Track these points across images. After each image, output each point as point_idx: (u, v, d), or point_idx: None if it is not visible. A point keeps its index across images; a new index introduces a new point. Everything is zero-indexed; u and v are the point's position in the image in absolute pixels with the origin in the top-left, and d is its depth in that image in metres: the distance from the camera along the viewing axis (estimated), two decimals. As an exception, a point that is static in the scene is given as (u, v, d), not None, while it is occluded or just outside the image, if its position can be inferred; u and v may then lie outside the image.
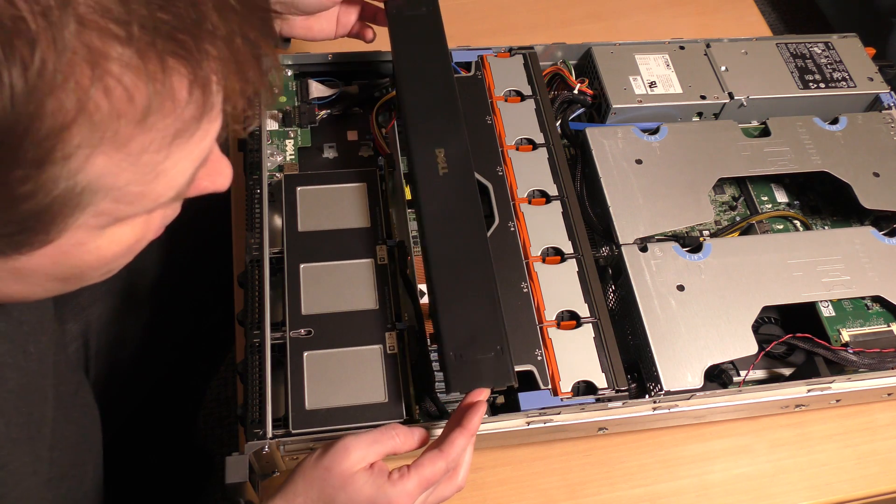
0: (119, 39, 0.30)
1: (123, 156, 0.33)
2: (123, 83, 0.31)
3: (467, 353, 0.57)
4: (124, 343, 0.80)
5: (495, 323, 0.59)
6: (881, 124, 0.81)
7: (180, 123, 0.34)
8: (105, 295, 0.79)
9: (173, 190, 0.37)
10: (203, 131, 0.36)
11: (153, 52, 0.31)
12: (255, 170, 0.70)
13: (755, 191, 0.82)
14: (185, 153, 0.36)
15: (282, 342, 0.62)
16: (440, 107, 0.69)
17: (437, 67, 0.71)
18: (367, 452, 0.52)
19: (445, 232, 0.62)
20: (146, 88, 0.31)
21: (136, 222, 0.39)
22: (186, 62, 0.32)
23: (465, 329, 0.58)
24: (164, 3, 0.31)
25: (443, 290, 0.60)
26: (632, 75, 0.82)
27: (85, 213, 0.34)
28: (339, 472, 0.51)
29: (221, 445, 1.28)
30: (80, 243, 0.37)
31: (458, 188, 0.64)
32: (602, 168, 0.74)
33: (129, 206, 0.36)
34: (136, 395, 0.86)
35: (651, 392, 0.64)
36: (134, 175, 0.34)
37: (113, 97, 0.31)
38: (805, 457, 0.71)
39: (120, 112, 0.31)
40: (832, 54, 0.87)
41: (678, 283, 0.67)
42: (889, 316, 0.72)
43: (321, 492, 0.51)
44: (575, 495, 0.67)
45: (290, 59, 0.81)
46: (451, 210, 0.63)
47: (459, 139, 0.67)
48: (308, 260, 0.66)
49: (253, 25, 0.35)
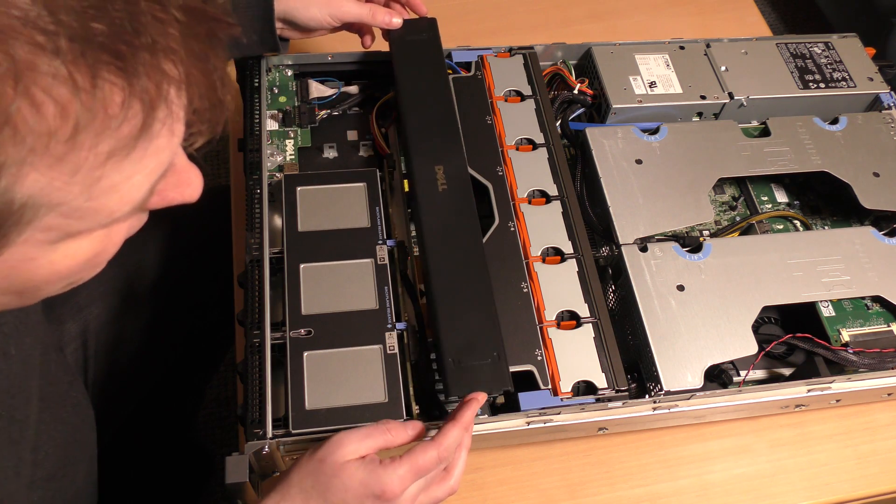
0: (46, 51, 0.29)
1: (59, 171, 0.31)
2: (52, 96, 0.29)
3: (465, 360, 0.59)
4: (123, 343, 0.80)
5: (492, 331, 0.61)
6: (881, 124, 0.81)
7: (118, 137, 0.32)
8: (104, 295, 0.79)
9: (128, 205, 0.36)
10: (155, 145, 0.34)
11: (83, 63, 0.30)
12: (255, 170, 0.70)
13: (755, 191, 0.82)
14: (136, 167, 0.34)
15: (282, 342, 0.62)
16: (440, 126, 0.72)
17: (437, 89, 0.74)
18: (360, 446, 0.53)
19: (444, 244, 0.65)
20: (76, 101, 0.30)
21: (94, 236, 0.37)
22: (123, 73, 0.31)
23: (463, 337, 0.60)
24: (98, 14, 0.30)
25: (442, 299, 0.62)
26: (632, 75, 0.82)
27: (29, 228, 0.33)
28: (332, 461, 0.52)
29: (221, 445, 1.28)
30: (30, 258, 0.35)
31: (457, 204, 0.67)
32: (602, 168, 0.74)
33: (81, 221, 0.34)
34: (136, 395, 0.86)
35: (651, 392, 0.64)
36: (79, 190, 0.33)
37: (40, 111, 0.29)
38: (805, 457, 0.71)
39: (49, 126, 0.30)
40: (832, 54, 0.87)
41: (678, 283, 0.67)
42: (889, 316, 0.72)
43: (315, 481, 0.52)
44: (575, 495, 0.67)
45: (290, 59, 0.81)
46: (449, 224, 0.66)
47: (458, 157, 0.70)
48: (308, 260, 0.66)
49: (198, 37, 0.34)
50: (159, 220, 0.86)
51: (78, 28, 0.29)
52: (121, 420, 0.85)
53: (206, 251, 0.86)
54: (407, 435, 0.56)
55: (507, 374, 0.59)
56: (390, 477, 0.51)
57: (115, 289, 0.80)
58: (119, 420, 0.84)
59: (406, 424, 0.56)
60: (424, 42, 0.78)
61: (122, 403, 0.84)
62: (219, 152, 1.64)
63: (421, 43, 0.78)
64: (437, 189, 0.67)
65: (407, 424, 0.56)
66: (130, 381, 0.83)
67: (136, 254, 0.83)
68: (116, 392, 0.81)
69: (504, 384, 0.58)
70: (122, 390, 0.82)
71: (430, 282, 0.63)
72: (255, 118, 0.73)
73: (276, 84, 0.80)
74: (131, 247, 0.88)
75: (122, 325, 0.80)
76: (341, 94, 0.81)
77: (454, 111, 0.74)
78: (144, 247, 0.84)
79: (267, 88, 0.79)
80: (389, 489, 0.51)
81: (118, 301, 0.80)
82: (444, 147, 0.70)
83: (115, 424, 0.84)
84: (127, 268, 0.82)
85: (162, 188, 0.38)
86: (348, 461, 0.52)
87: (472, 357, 0.59)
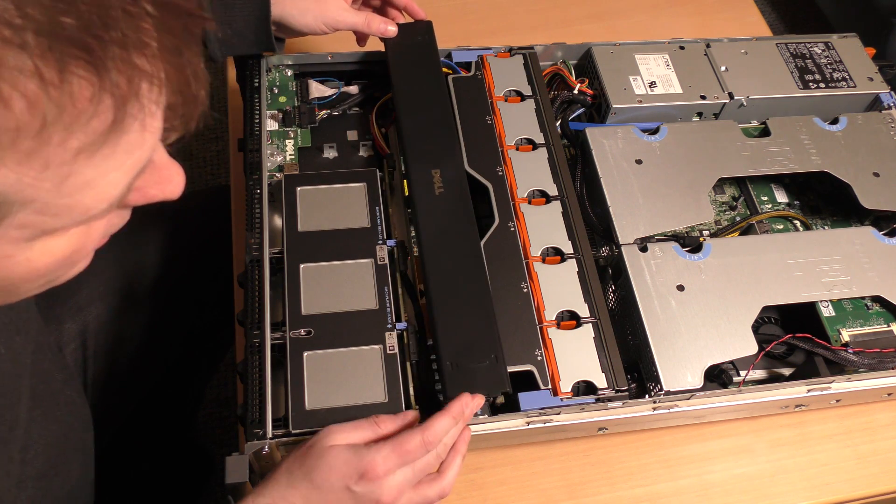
0: (13, 45, 0.28)
1: (29, 167, 0.31)
2: (20, 91, 0.29)
3: (463, 362, 0.59)
4: (123, 343, 0.80)
5: (490, 333, 0.61)
6: (881, 124, 0.81)
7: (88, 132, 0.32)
8: (104, 295, 0.79)
9: (105, 202, 0.35)
10: (126, 140, 0.34)
11: (51, 57, 0.29)
12: (255, 170, 0.70)
13: (755, 191, 0.82)
14: (110, 163, 0.34)
15: (282, 342, 0.62)
16: (437, 130, 0.72)
17: (434, 93, 0.75)
18: (348, 435, 0.54)
19: (442, 247, 0.65)
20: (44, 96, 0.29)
21: (72, 234, 0.37)
22: (92, 67, 0.30)
23: (461, 339, 0.60)
24: (66, 8, 0.29)
25: (440, 302, 0.62)
26: (632, 75, 0.82)
27: (2, 225, 0.33)
28: (319, 446, 0.53)
29: (221, 445, 1.28)
30: (7, 255, 0.35)
31: (454, 207, 0.68)
32: (602, 168, 0.74)
33: (56, 218, 0.34)
34: (136, 395, 0.86)
35: (651, 392, 0.64)
36: (50, 186, 0.32)
37: (8, 106, 0.29)
38: (805, 457, 0.71)
39: (17, 121, 0.29)
40: (832, 54, 0.87)
41: (678, 283, 0.67)
42: (889, 316, 0.72)
43: (301, 463, 0.53)
44: (575, 495, 0.67)
45: (290, 59, 0.81)
46: (447, 227, 0.66)
47: (455, 161, 0.70)
48: (308, 260, 0.66)
49: (172, 31, 0.33)
50: (159, 220, 0.86)
51: (45, 22, 0.29)
52: (121, 420, 0.85)
53: (206, 251, 0.86)
54: (396, 425, 0.56)
55: (504, 376, 0.59)
56: (373, 455, 0.52)
57: (115, 289, 0.80)
58: (119, 420, 0.84)
59: (396, 416, 0.57)
60: (420, 45, 0.78)
61: (122, 403, 0.84)
62: (219, 152, 1.65)
63: (417, 46, 0.78)
64: (434, 192, 0.68)
65: (397, 416, 0.57)
66: (130, 382, 0.83)
67: (135, 254, 0.83)
68: (116, 392, 0.81)
69: (502, 386, 0.59)
70: (122, 390, 0.82)
71: (429, 285, 0.63)
72: (255, 118, 0.74)
73: (276, 84, 0.80)
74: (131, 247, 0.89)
75: (121, 325, 0.80)
76: (341, 94, 0.81)
77: (451, 114, 0.74)
78: (144, 247, 0.84)
79: (267, 88, 0.79)
80: (372, 468, 0.51)
81: (118, 301, 0.80)
82: (440, 151, 0.71)
83: (115, 424, 0.84)
84: (127, 268, 0.82)
85: (142, 185, 0.38)
86: (334, 445, 0.53)
87: (469, 359, 0.60)
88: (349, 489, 0.51)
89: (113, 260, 0.81)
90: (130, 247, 0.83)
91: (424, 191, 0.68)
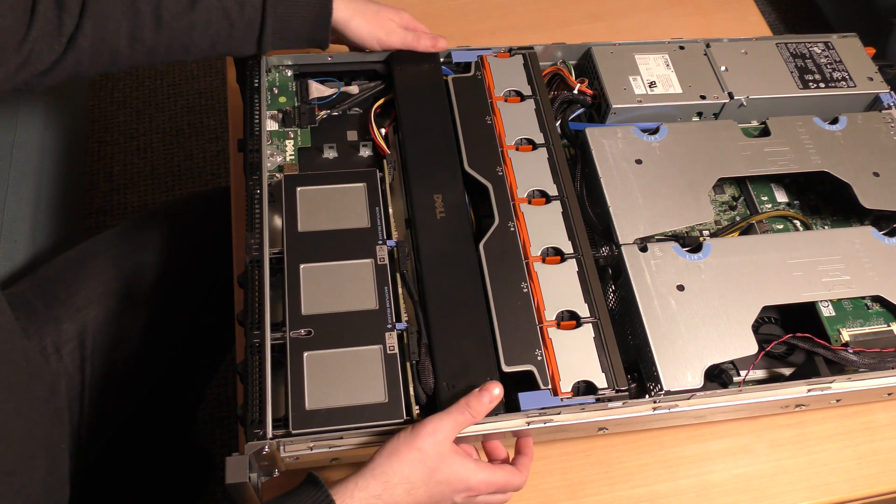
0: None
1: None
2: None
3: (459, 384, 0.61)
4: (122, 344, 0.80)
5: (486, 355, 0.63)
6: (881, 124, 0.81)
7: None
8: (102, 296, 0.79)
9: None
10: None
11: None
12: (255, 170, 0.70)
13: (755, 191, 0.82)
14: None
15: (282, 342, 0.62)
16: (440, 156, 0.73)
17: (438, 119, 0.76)
18: (452, 432, 0.58)
19: (442, 270, 0.67)
20: None
21: None
22: None
23: (458, 360, 0.62)
24: None
25: (438, 324, 0.64)
26: (632, 75, 0.82)
27: None
28: (435, 453, 0.56)
29: (221, 445, 1.28)
30: None
31: (455, 231, 0.69)
32: (602, 168, 0.74)
33: None
34: (135, 396, 0.86)
35: (651, 392, 0.64)
36: None
37: None
38: (805, 457, 0.71)
39: None
40: (832, 54, 0.87)
41: (678, 283, 0.67)
42: (889, 316, 0.72)
43: (419, 471, 0.56)
44: (575, 495, 0.67)
45: (290, 60, 0.81)
46: (447, 250, 0.68)
47: (456, 186, 0.72)
48: (308, 260, 0.66)
49: None
50: (159, 220, 0.86)
51: None
52: (120, 420, 0.84)
53: (206, 251, 0.86)
54: (486, 407, 0.59)
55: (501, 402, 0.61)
56: (479, 478, 0.58)
57: (114, 289, 0.80)
58: (118, 420, 0.84)
59: (480, 399, 0.59)
60: (426, 71, 0.80)
61: (121, 404, 0.84)
62: (219, 152, 1.65)
63: (423, 72, 0.79)
64: (435, 216, 0.69)
65: (481, 395, 0.59)
66: (129, 382, 0.83)
67: (135, 254, 0.83)
68: (115, 393, 0.80)
69: (497, 408, 0.60)
70: (121, 391, 0.82)
71: (427, 306, 0.65)
72: (255, 118, 0.73)
73: (276, 84, 0.80)
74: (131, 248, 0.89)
75: (120, 326, 0.80)
76: (341, 94, 0.81)
77: (453, 140, 0.75)
78: (144, 247, 0.84)
79: (267, 89, 0.79)
80: (476, 489, 0.58)
81: (116, 302, 0.80)
82: (443, 176, 0.72)
83: (115, 424, 0.84)
84: (126, 269, 0.82)
85: None
86: (446, 452, 0.57)
87: (465, 380, 0.61)
88: (453, 494, 0.58)
89: (112, 261, 0.81)
90: (130, 248, 0.83)
91: (426, 214, 0.69)
